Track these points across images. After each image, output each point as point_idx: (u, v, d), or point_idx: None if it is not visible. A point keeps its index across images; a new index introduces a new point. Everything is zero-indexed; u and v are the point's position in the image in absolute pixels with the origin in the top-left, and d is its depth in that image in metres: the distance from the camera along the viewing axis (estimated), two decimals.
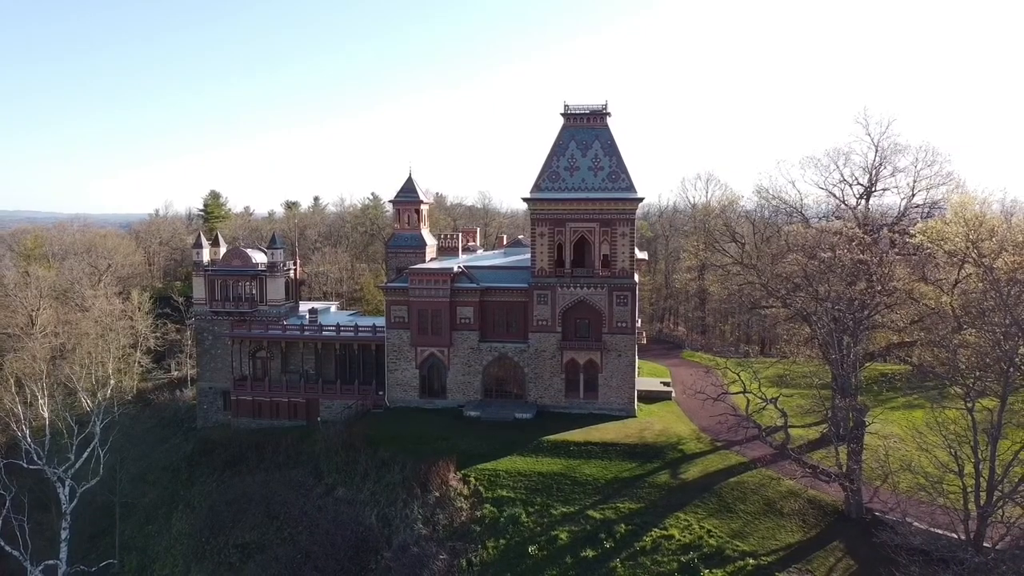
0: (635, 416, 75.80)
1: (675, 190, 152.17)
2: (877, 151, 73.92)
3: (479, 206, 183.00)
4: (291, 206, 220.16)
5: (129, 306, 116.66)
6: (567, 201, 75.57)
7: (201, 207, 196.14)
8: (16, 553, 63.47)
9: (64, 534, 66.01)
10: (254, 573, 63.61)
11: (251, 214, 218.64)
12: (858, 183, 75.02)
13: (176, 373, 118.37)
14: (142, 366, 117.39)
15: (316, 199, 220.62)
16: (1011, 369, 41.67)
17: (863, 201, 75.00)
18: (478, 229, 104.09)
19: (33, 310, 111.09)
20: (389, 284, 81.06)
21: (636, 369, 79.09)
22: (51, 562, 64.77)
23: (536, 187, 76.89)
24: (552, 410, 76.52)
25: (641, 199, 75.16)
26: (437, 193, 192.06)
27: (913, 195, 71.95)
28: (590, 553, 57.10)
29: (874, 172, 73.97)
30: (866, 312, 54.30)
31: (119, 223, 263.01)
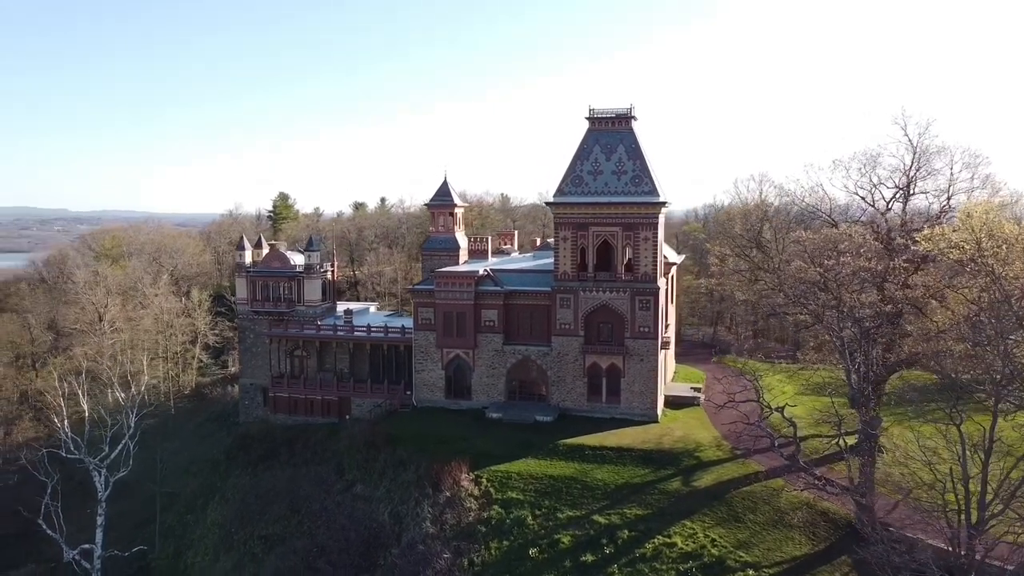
0: (657, 421, 75.30)
1: (730, 191, 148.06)
2: (915, 153, 71.48)
3: (541, 204, 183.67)
4: (359, 207, 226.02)
5: (189, 304, 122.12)
6: (590, 205, 75.60)
7: (270, 208, 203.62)
8: (56, 537, 67.75)
9: (100, 520, 70.04)
10: (273, 564, 66.18)
11: (320, 215, 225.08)
12: (895, 186, 72.74)
13: (233, 369, 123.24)
14: (201, 361, 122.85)
15: (383, 200, 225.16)
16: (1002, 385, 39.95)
17: (900, 205, 72.69)
18: (516, 232, 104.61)
19: (101, 307, 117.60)
20: (416, 287, 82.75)
21: (662, 374, 78.42)
22: (87, 546, 68.86)
23: (559, 191, 77.23)
24: (574, 413, 76.70)
25: (664, 203, 74.50)
26: (502, 194, 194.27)
27: (949, 199, 69.39)
28: (590, 558, 57.28)
29: (912, 175, 71.64)
30: (877, 322, 52.71)
31: (206, 222, 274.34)
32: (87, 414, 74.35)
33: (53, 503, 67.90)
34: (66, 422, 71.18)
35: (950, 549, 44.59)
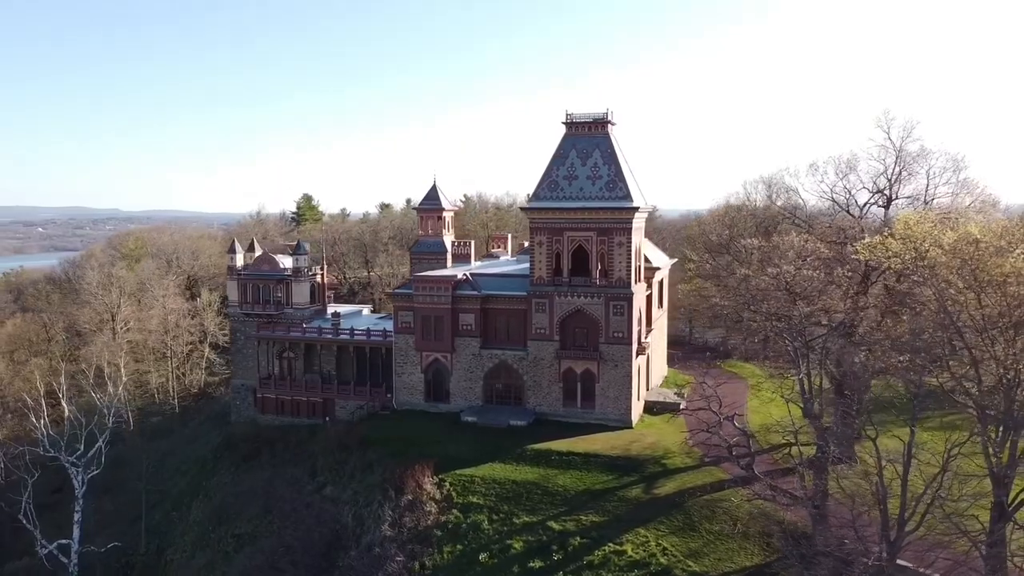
0: (631, 427, 74.94)
1: (740, 193, 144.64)
2: (898, 157, 70.40)
3: None
4: (385, 208, 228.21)
5: (197, 304, 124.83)
6: (564, 210, 75.54)
7: (294, 210, 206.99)
8: (36, 532, 70.16)
9: (76, 516, 72.21)
10: (242, 562, 67.55)
11: (347, 215, 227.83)
12: (877, 190, 71.76)
13: None
14: (210, 361, 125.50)
15: (408, 201, 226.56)
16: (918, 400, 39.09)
17: (882, 210, 71.56)
18: (509, 235, 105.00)
19: (114, 308, 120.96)
20: (396, 290, 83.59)
21: (638, 380, 77.87)
22: (64, 541, 71.13)
23: (535, 196, 77.39)
24: (550, 418, 76.63)
25: (636, 208, 73.95)
26: (528, 195, 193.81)
27: (927, 203, 68.20)
28: (538, 564, 57.35)
29: (894, 178, 70.67)
30: (823, 333, 51.81)
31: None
32: (67, 413, 76.90)
33: (27, 500, 70.33)
34: (44, 420, 73.60)
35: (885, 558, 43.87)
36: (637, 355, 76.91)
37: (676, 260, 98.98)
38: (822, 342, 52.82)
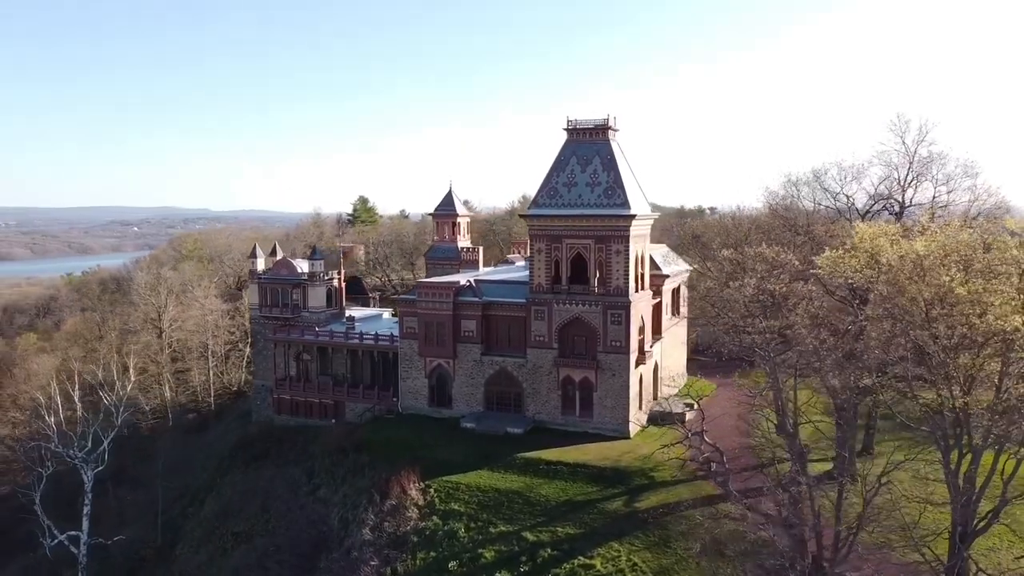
0: (628, 437, 73.88)
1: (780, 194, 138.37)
2: (912, 163, 67.52)
3: None
4: None
5: (239, 305, 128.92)
6: (562, 217, 75.01)
7: (350, 212, 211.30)
8: (46, 522, 73.97)
9: (86, 510, 75.73)
10: (236, 559, 69.67)
11: (406, 216, 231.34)
12: (887, 196, 68.99)
13: None
14: (250, 360, 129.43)
15: (465, 202, 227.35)
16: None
17: (896, 218, 68.67)
18: (527, 240, 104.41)
19: (160, 307, 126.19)
20: (400, 296, 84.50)
21: (637, 389, 76.59)
22: (73, 533, 74.73)
23: (534, 202, 77.10)
24: (548, 426, 76.24)
25: (633, 216, 72.80)
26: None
27: (934, 211, 65.01)
28: (505, 575, 57.13)
29: (908, 185, 67.87)
30: (778, 349, 50.02)
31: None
32: (79, 412, 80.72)
33: (39, 493, 74.17)
34: (55, 418, 77.46)
35: None
36: (637, 364, 75.78)
37: (696, 267, 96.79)
38: (795, 357, 50.92)
